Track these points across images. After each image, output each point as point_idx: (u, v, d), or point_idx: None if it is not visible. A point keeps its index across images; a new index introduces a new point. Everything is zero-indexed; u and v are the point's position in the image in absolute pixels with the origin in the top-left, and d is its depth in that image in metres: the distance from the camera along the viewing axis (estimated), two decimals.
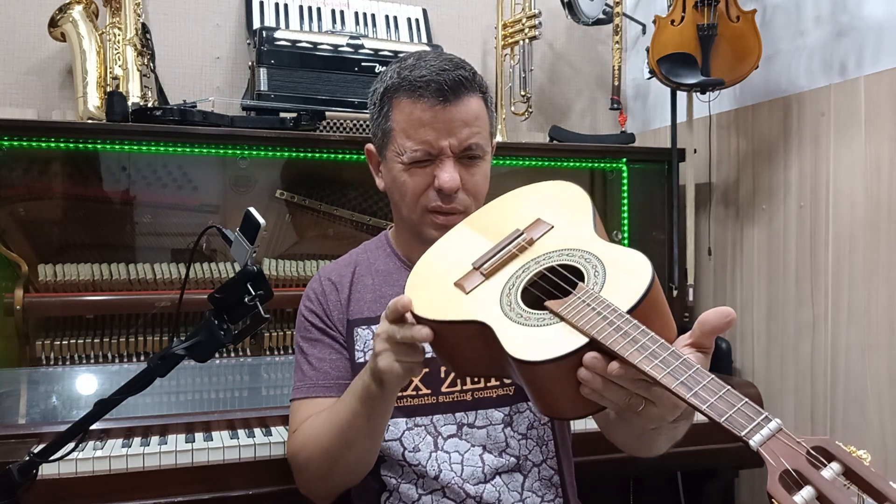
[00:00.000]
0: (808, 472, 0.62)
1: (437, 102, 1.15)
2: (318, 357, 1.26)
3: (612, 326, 0.80)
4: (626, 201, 2.17)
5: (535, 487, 1.21)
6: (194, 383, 1.70)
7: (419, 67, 1.17)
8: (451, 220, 1.18)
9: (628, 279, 0.88)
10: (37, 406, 1.60)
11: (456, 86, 1.16)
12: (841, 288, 1.84)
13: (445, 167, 1.17)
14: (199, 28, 2.20)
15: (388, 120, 1.20)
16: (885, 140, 1.73)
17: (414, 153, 1.17)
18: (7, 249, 1.70)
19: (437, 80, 1.15)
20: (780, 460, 0.64)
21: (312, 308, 1.30)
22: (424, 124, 1.16)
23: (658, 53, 2.02)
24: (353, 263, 1.33)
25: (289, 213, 1.94)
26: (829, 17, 1.88)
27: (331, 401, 1.21)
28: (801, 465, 0.63)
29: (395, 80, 1.19)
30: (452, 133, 1.16)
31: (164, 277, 1.78)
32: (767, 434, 0.67)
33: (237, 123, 1.85)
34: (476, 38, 2.48)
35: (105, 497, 1.39)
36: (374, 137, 1.26)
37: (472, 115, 1.18)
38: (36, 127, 1.78)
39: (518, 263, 0.99)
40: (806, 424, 1.94)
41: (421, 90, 1.16)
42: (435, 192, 1.18)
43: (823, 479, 0.61)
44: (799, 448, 0.64)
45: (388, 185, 1.25)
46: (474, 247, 1.04)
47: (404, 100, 1.18)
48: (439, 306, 0.95)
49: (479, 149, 1.20)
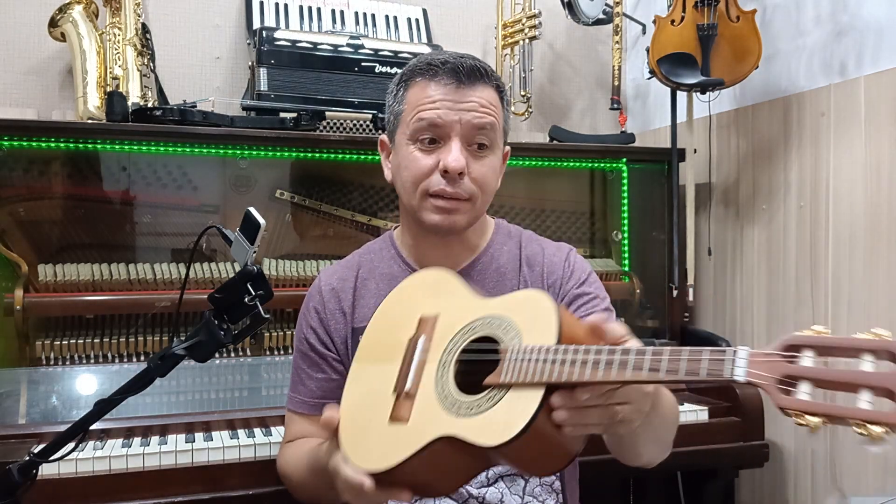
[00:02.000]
0: (794, 370, 0.68)
1: (452, 82, 1.14)
2: (307, 374, 1.26)
3: (556, 364, 0.81)
4: (626, 201, 2.17)
5: (535, 492, 1.20)
6: (194, 383, 1.70)
7: (435, 56, 1.17)
8: (454, 206, 1.14)
9: (538, 316, 0.89)
10: (37, 406, 1.60)
11: (472, 71, 1.15)
12: (841, 288, 1.84)
13: (452, 148, 1.13)
14: (199, 28, 2.20)
15: (402, 102, 1.19)
16: (884, 140, 1.73)
17: (422, 125, 1.14)
18: (7, 249, 1.70)
19: (453, 63, 1.15)
20: (767, 377, 0.69)
21: (310, 322, 1.27)
22: (435, 100, 1.14)
23: (658, 53, 2.02)
24: (356, 266, 1.30)
25: (289, 213, 1.94)
26: (829, 17, 1.88)
27: (316, 418, 1.20)
28: (785, 369, 0.68)
29: (413, 65, 1.19)
30: (464, 110, 1.13)
31: (164, 277, 1.78)
32: (744, 364, 0.70)
33: (237, 123, 1.85)
34: (476, 38, 2.48)
35: (105, 497, 1.39)
36: (386, 125, 1.25)
37: (486, 100, 1.16)
38: (36, 127, 1.78)
39: (433, 365, 0.96)
40: None
41: (436, 69, 1.15)
42: (439, 176, 1.14)
43: (808, 368, 0.67)
44: (773, 358, 0.69)
45: (395, 169, 1.22)
46: (382, 376, 1.01)
47: (419, 80, 1.17)
48: (392, 448, 0.91)
49: (490, 134, 1.16)
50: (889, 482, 1.71)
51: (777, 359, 0.70)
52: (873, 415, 0.63)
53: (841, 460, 1.84)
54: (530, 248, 1.29)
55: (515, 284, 1.25)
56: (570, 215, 2.19)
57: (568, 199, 2.20)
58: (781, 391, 0.68)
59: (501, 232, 1.31)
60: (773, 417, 1.98)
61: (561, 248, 1.30)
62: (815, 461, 1.91)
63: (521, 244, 1.29)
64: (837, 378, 0.67)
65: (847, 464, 1.82)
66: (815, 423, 0.66)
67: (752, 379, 0.70)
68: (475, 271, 1.25)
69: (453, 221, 1.16)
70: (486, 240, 1.28)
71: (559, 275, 1.25)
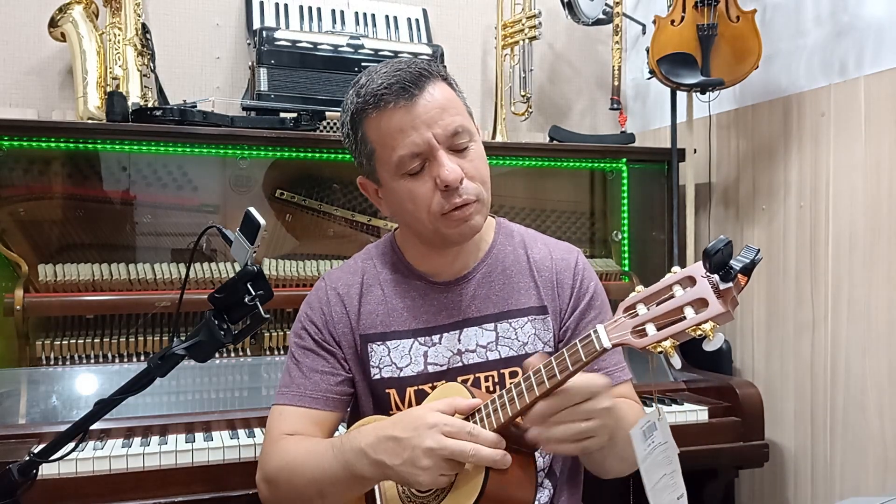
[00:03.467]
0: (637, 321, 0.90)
1: (404, 100, 1.10)
2: (309, 367, 1.22)
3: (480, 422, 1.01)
4: (626, 201, 2.17)
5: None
6: (194, 383, 1.70)
7: (371, 82, 1.12)
8: (467, 213, 1.13)
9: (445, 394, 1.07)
10: (37, 406, 1.60)
11: (416, 78, 1.11)
12: (841, 288, 1.84)
13: (442, 162, 1.10)
14: (199, 28, 2.20)
15: (367, 143, 1.15)
16: (885, 140, 1.73)
17: (403, 159, 1.11)
18: (7, 249, 1.70)
19: (393, 82, 1.10)
20: (624, 334, 0.90)
21: (313, 318, 1.25)
22: (402, 127, 1.10)
23: (658, 53, 2.02)
24: (360, 272, 1.28)
25: (289, 213, 1.93)
26: (829, 16, 1.88)
27: (316, 413, 1.19)
28: (632, 323, 0.90)
29: (355, 102, 1.14)
30: (433, 123, 1.10)
31: (164, 277, 1.78)
32: (605, 334, 0.91)
33: (237, 123, 1.85)
34: (476, 38, 2.48)
35: (105, 497, 1.40)
36: (360, 168, 1.21)
37: (444, 98, 1.12)
38: (36, 127, 1.78)
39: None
40: (806, 424, 1.94)
41: (384, 98, 1.10)
42: (442, 195, 1.12)
43: (646, 314, 0.89)
44: (621, 320, 0.91)
45: (394, 207, 1.19)
46: None
47: (372, 115, 1.12)
48: None
49: (465, 131, 1.13)
50: (889, 482, 1.71)
51: (623, 319, 0.91)
52: (699, 318, 0.85)
53: (841, 460, 1.84)
54: (537, 251, 1.28)
55: (524, 289, 1.25)
56: (570, 215, 2.19)
57: (568, 199, 2.20)
58: (637, 337, 0.89)
59: (503, 231, 1.30)
60: (773, 417, 1.98)
61: (570, 251, 1.29)
62: (815, 461, 1.92)
63: (525, 245, 1.28)
64: (666, 310, 0.88)
65: (847, 464, 1.82)
66: (668, 345, 0.86)
67: (616, 341, 0.91)
68: (480, 274, 1.24)
69: (472, 226, 1.16)
70: (489, 240, 1.27)
71: (569, 284, 1.25)
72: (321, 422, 1.20)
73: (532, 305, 1.24)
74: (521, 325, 1.22)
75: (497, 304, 1.23)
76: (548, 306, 1.24)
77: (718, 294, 0.84)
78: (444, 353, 1.21)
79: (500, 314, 1.23)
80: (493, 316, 1.23)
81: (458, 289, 1.23)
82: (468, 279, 1.24)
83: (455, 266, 1.24)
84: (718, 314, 0.84)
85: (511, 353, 1.21)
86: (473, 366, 1.21)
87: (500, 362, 1.21)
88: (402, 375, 1.21)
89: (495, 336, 1.22)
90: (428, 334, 1.22)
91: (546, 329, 1.23)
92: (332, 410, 1.21)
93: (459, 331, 1.22)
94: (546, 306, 1.24)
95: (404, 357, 1.22)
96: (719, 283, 0.84)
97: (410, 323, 1.23)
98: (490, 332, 1.22)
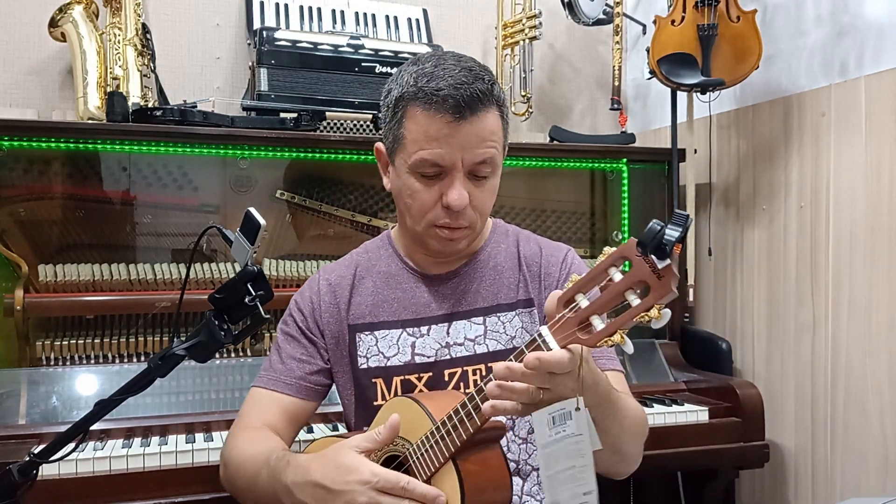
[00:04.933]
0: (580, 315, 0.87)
1: (453, 119, 1.11)
2: (288, 353, 1.27)
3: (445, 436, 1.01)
4: (626, 201, 2.17)
5: (532, 491, 1.21)
6: (194, 383, 1.70)
7: (437, 77, 1.12)
8: (456, 235, 1.18)
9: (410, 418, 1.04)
10: (37, 406, 1.60)
11: (473, 102, 1.11)
12: (841, 288, 1.84)
13: (454, 184, 1.13)
14: (199, 28, 2.20)
15: (401, 127, 1.16)
16: (885, 140, 1.73)
17: (424, 165, 1.14)
18: (7, 249, 1.70)
19: (454, 95, 1.10)
20: (570, 333, 0.87)
21: (301, 306, 1.29)
22: (438, 139, 1.12)
23: (658, 53, 2.02)
24: (354, 265, 1.32)
25: (289, 213, 1.93)
26: (829, 16, 1.88)
27: (287, 399, 1.23)
28: (575, 319, 0.87)
29: (411, 87, 1.14)
30: (466, 149, 1.13)
31: (164, 277, 1.78)
32: (550, 336, 0.89)
33: (237, 123, 1.85)
34: (476, 38, 2.48)
35: (105, 497, 1.40)
36: (384, 139, 1.22)
37: (488, 130, 1.14)
38: (36, 127, 1.78)
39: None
40: (806, 425, 1.94)
41: (437, 104, 1.11)
42: (442, 209, 1.15)
43: (587, 306, 0.86)
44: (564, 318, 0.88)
45: (396, 190, 1.22)
46: None
47: (419, 111, 1.13)
48: None
49: (492, 163, 1.16)
50: (889, 482, 1.71)
51: (566, 316, 0.88)
52: (644, 304, 0.82)
53: (841, 461, 1.84)
54: (528, 248, 1.30)
55: (513, 283, 1.27)
56: (571, 215, 2.19)
57: (568, 199, 2.20)
58: (585, 335, 0.86)
59: (499, 231, 1.33)
60: (774, 418, 1.98)
61: (560, 248, 1.31)
62: (815, 461, 1.91)
63: (518, 243, 1.31)
64: (608, 297, 0.85)
65: (847, 464, 1.82)
66: (617, 338, 0.84)
67: (563, 343, 0.88)
68: (472, 269, 1.27)
69: (455, 248, 1.22)
70: (483, 239, 1.30)
71: (556, 276, 1.27)
72: (289, 409, 1.24)
73: (520, 299, 1.26)
74: (510, 318, 1.24)
75: (486, 299, 1.25)
76: (534, 299, 1.26)
77: (658, 274, 0.81)
78: (433, 344, 1.23)
79: (490, 308, 1.25)
80: (482, 310, 1.25)
81: (449, 282, 1.26)
82: (459, 273, 1.26)
83: (447, 260, 1.27)
84: (664, 297, 0.81)
85: (499, 346, 1.23)
86: (461, 359, 1.23)
87: (487, 356, 1.22)
88: (388, 365, 1.23)
89: (484, 330, 1.24)
90: (416, 325, 1.24)
91: (533, 322, 1.25)
92: (303, 398, 1.25)
93: (448, 323, 1.24)
94: (532, 299, 1.26)
95: (392, 347, 1.24)
96: (656, 262, 0.81)
97: (400, 313, 1.25)
98: (479, 325, 1.24)
